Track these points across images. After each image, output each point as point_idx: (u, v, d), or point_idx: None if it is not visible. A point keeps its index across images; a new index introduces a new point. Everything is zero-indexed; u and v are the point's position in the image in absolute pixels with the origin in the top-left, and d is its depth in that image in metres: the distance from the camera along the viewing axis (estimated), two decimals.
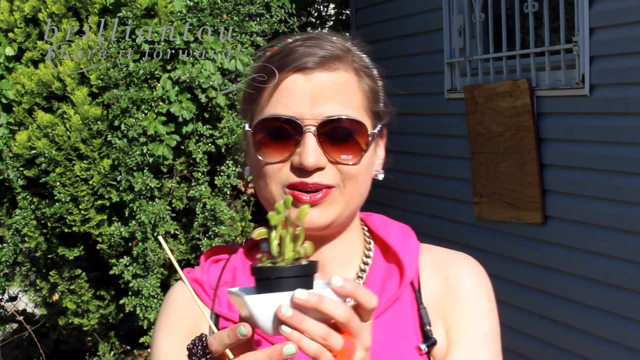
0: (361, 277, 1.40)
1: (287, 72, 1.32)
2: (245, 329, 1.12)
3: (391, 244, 1.42)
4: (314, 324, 1.07)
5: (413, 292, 1.39)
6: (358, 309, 1.11)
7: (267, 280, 1.11)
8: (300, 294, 1.06)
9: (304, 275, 1.11)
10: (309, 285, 1.11)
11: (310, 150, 1.29)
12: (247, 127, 1.38)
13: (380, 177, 1.42)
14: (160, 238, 1.18)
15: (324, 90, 1.31)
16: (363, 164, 1.34)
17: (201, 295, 1.44)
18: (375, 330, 1.32)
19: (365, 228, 1.48)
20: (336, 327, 1.10)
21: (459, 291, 1.39)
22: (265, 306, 1.09)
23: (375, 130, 1.37)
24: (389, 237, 1.43)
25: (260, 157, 1.33)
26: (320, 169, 1.31)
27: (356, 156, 1.32)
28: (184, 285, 1.46)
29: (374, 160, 1.39)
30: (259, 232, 1.15)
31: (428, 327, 1.36)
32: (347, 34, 1.45)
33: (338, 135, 1.31)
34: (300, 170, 1.30)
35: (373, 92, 1.39)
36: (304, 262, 1.12)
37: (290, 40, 1.39)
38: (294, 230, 1.13)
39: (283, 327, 1.07)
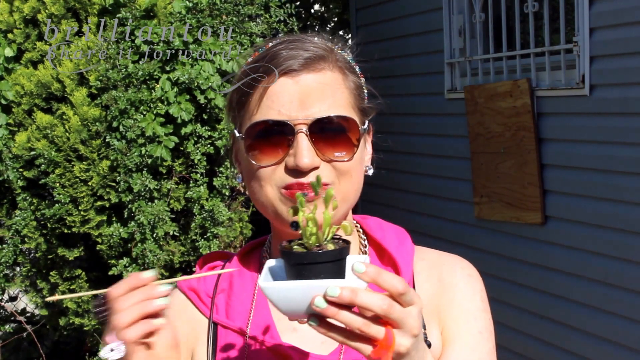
0: None
1: (274, 76, 1.33)
2: (149, 273, 1.17)
3: (387, 247, 1.43)
4: (349, 316, 1.06)
5: None
6: (390, 295, 1.09)
7: (293, 265, 1.10)
8: (333, 291, 1.05)
9: (331, 261, 1.10)
10: (340, 270, 1.10)
11: (305, 151, 1.30)
12: (237, 134, 1.39)
13: (370, 172, 1.43)
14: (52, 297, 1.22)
15: (312, 91, 1.33)
16: (356, 159, 1.36)
17: (197, 304, 1.45)
18: None
19: (361, 230, 1.49)
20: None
21: (453, 292, 1.40)
22: (288, 293, 1.08)
23: (365, 126, 1.39)
24: (384, 240, 1.44)
25: (253, 162, 1.35)
26: (315, 168, 1.32)
27: (349, 152, 1.34)
28: (179, 295, 1.48)
29: (364, 156, 1.41)
30: (289, 211, 1.17)
31: (423, 329, 1.36)
32: (327, 34, 1.47)
33: (330, 133, 1.33)
34: (296, 171, 1.32)
35: (358, 89, 1.41)
36: (331, 246, 1.11)
37: (271, 44, 1.40)
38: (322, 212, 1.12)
39: (317, 299, 1.06)
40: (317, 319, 1.08)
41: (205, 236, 4.41)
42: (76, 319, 4.82)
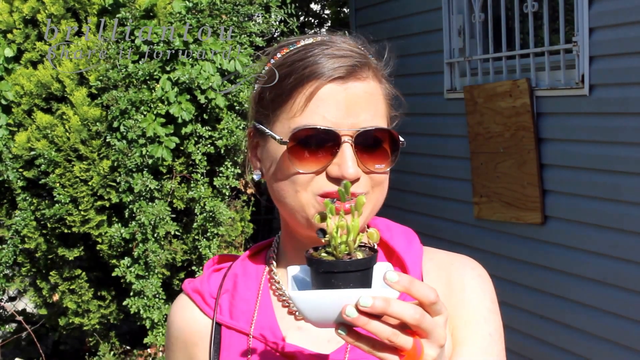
0: None
1: (322, 81, 1.31)
2: None
3: (395, 248, 1.42)
4: (379, 326, 1.06)
5: None
6: (420, 304, 1.09)
7: (321, 273, 1.09)
8: (365, 301, 1.05)
9: (360, 270, 1.09)
10: (367, 279, 1.10)
11: (350, 161, 1.29)
12: (276, 136, 1.34)
13: None
14: None
15: (359, 100, 1.32)
16: (388, 170, 1.36)
17: (201, 306, 1.44)
18: None
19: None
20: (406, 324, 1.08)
21: (462, 293, 1.39)
22: (318, 303, 1.08)
23: (403, 139, 1.37)
24: (393, 241, 1.43)
25: (295, 168, 1.31)
26: (357, 179, 1.31)
27: (387, 164, 1.34)
28: (183, 299, 1.48)
29: None
30: (316, 217, 1.16)
31: None
32: (357, 35, 1.45)
33: (371, 145, 1.32)
34: (337, 180, 1.30)
35: (391, 98, 1.40)
36: (360, 255, 1.10)
37: (304, 42, 1.37)
38: (348, 219, 1.11)
39: (348, 309, 1.05)
40: (346, 328, 1.08)
41: (206, 236, 4.41)
42: (76, 319, 4.82)
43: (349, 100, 1.31)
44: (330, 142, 1.30)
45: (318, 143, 1.30)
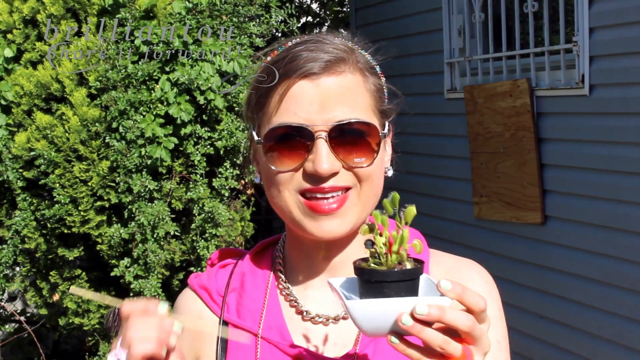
0: None
1: (294, 79, 1.31)
2: (164, 308, 1.18)
3: None
4: (432, 333, 1.08)
5: None
6: (469, 312, 1.10)
7: (373, 283, 1.11)
8: (422, 309, 1.07)
9: (411, 279, 1.12)
10: (415, 288, 1.13)
11: (324, 157, 1.28)
12: (255, 137, 1.36)
13: (390, 173, 1.42)
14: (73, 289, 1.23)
15: (332, 95, 1.30)
16: (376, 164, 1.34)
17: (208, 302, 1.44)
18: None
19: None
20: (453, 331, 1.10)
21: None
22: (374, 311, 1.10)
23: (385, 130, 1.37)
24: None
25: (272, 167, 1.32)
26: (335, 173, 1.30)
27: (369, 158, 1.32)
28: (190, 294, 1.47)
29: (383, 159, 1.39)
30: (363, 229, 1.17)
31: None
32: (348, 33, 1.45)
33: (349, 139, 1.31)
34: (315, 176, 1.30)
35: (379, 90, 1.38)
36: (409, 265, 1.13)
37: (291, 43, 1.37)
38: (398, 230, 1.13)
39: (404, 317, 1.07)
40: (398, 336, 1.09)
41: (204, 236, 4.41)
42: (76, 318, 4.82)
43: (322, 95, 1.30)
44: (305, 139, 1.30)
45: (293, 141, 1.30)
